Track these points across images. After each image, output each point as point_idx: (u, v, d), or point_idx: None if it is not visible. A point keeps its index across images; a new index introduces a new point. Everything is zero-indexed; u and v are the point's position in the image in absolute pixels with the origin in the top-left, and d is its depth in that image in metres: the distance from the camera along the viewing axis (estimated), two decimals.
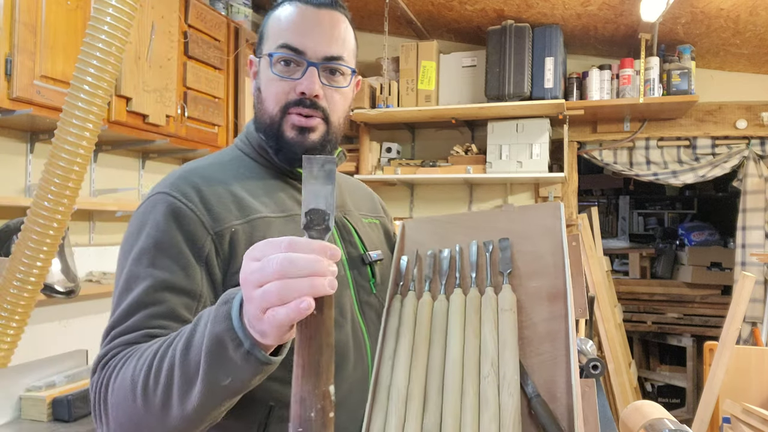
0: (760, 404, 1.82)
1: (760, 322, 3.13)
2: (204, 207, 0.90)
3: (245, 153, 1.04)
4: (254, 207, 0.94)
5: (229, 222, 0.91)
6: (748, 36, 2.94)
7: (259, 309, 0.61)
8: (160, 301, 0.84)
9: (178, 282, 0.85)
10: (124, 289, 0.86)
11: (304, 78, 0.95)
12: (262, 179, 1.00)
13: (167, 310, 0.83)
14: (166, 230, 0.88)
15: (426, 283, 0.97)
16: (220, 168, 0.99)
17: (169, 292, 0.84)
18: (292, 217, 0.97)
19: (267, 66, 0.97)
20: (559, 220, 0.99)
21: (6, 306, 1.61)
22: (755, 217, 3.29)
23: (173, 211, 0.89)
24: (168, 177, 0.97)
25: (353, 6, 3.47)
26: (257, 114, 1.01)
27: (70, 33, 2.08)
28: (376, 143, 3.62)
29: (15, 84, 1.89)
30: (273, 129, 0.98)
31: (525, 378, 0.81)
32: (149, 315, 0.83)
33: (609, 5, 2.89)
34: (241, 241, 0.90)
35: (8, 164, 2.26)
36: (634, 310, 4.65)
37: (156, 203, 0.91)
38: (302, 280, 0.59)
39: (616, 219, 6.36)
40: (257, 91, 1.01)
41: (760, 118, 3.27)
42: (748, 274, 1.90)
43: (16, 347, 1.71)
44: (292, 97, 0.96)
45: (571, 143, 3.53)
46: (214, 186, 0.94)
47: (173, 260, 0.86)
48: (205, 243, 0.88)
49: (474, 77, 3.36)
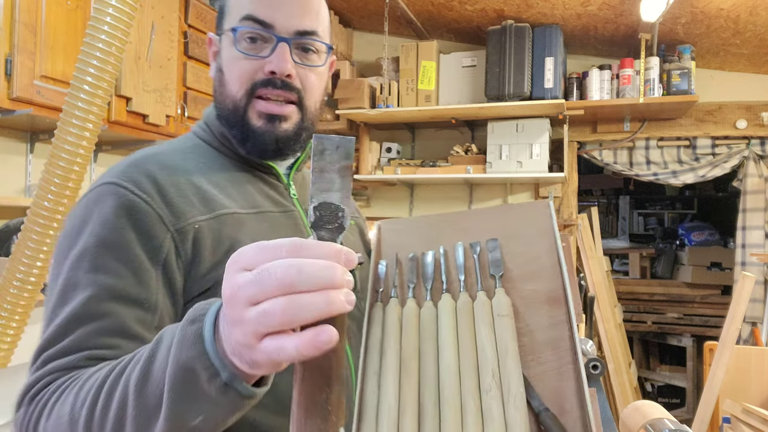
0: (760, 404, 1.82)
1: (760, 322, 3.13)
2: (162, 199, 0.77)
3: (206, 141, 0.91)
4: (221, 201, 0.82)
5: (192, 217, 0.77)
6: (748, 36, 2.94)
7: (252, 335, 0.45)
8: (105, 313, 0.68)
9: (128, 289, 0.70)
10: (60, 300, 0.70)
11: (274, 55, 0.82)
12: (227, 171, 0.88)
13: (115, 324, 0.68)
14: (115, 227, 0.73)
15: (409, 288, 0.87)
16: (180, 155, 0.85)
17: (116, 303, 0.69)
18: (264, 215, 0.86)
19: (230, 43, 0.84)
20: (550, 218, 0.93)
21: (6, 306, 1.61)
22: (755, 217, 3.29)
23: (124, 205, 0.74)
24: (117, 164, 0.82)
25: (353, 6, 3.48)
26: (218, 99, 0.88)
27: (70, 33, 2.08)
28: (376, 143, 3.62)
29: (15, 84, 1.89)
30: (237, 116, 0.85)
31: (530, 390, 0.74)
32: (92, 332, 0.67)
33: (609, 5, 2.89)
34: (206, 239, 0.77)
35: (8, 164, 2.25)
36: (634, 310, 4.65)
37: (102, 195, 0.76)
38: (315, 295, 0.44)
39: (616, 219, 6.35)
40: (218, 72, 0.87)
41: (760, 118, 3.27)
42: (748, 274, 1.90)
43: (16, 347, 1.71)
44: (259, 78, 0.83)
45: (571, 143, 3.53)
46: (174, 175, 0.80)
47: (122, 263, 0.71)
48: (164, 242, 0.74)
49: (474, 77, 3.36)
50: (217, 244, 0.78)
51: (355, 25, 3.82)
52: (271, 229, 0.85)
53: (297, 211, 0.92)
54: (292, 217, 0.90)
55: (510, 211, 0.96)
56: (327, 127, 3.51)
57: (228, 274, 0.48)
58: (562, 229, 3.43)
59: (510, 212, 0.96)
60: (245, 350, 0.47)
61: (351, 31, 3.82)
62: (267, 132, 0.85)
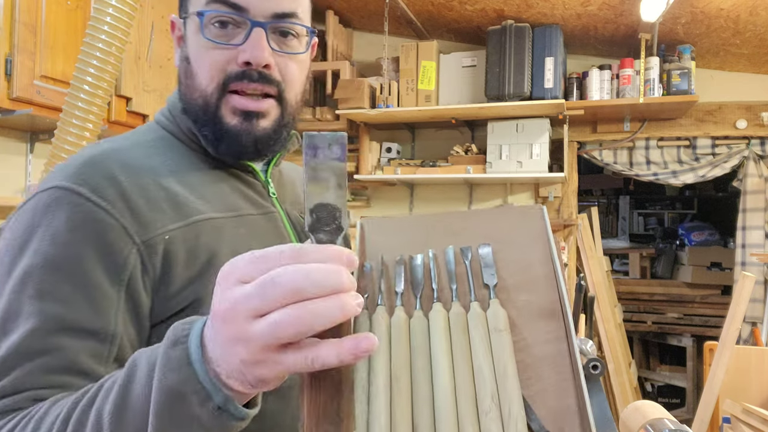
0: (760, 404, 1.82)
1: (760, 322, 3.13)
2: (126, 206, 0.66)
3: (172, 133, 0.79)
4: (194, 205, 0.71)
5: (162, 226, 0.67)
6: (748, 36, 2.94)
7: (262, 350, 0.42)
8: (52, 348, 0.59)
9: (81, 319, 0.61)
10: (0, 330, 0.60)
11: (248, 43, 0.71)
12: (198, 169, 0.77)
13: (64, 360, 0.59)
14: (67, 243, 0.62)
15: (397, 296, 0.81)
16: (144, 151, 0.74)
17: (66, 335, 0.60)
18: (242, 219, 0.76)
19: (196, 29, 0.73)
20: (544, 224, 0.88)
21: None
22: (755, 217, 3.29)
23: (80, 215, 0.64)
24: (69, 162, 0.69)
25: (353, 6, 3.48)
26: (185, 93, 0.76)
27: (70, 33, 2.08)
28: (376, 143, 3.62)
29: (15, 84, 1.90)
30: (208, 113, 0.74)
31: (529, 412, 0.70)
32: (37, 369, 0.58)
33: (609, 5, 2.89)
34: (179, 251, 0.67)
35: (8, 164, 2.25)
36: (634, 310, 4.65)
37: (52, 203, 0.64)
38: (327, 300, 0.41)
39: (616, 219, 6.35)
40: (184, 62, 0.76)
41: (760, 118, 3.27)
42: (748, 274, 1.90)
43: None
44: (233, 69, 0.72)
45: (571, 143, 3.53)
46: (139, 176, 0.69)
47: (75, 287, 0.62)
48: (128, 257, 0.64)
49: (474, 77, 3.35)
50: (191, 257, 0.68)
51: (355, 25, 3.82)
52: (251, 234, 0.76)
53: (278, 212, 0.83)
54: (273, 219, 0.82)
55: (502, 215, 0.91)
56: (327, 127, 3.51)
57: (221, 289, 0.44)
58: (562, 229, 3.43)
59: (502, 216, 0.90)
60: (251, 368, 0.44)
61: (351, 31, 3.82)
62: (244, 131, 0.74)
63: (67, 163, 0.70)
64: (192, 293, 0.67)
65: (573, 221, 3.43)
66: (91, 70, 1.41)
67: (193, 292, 0.67)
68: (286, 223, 0.84)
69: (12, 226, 0.66)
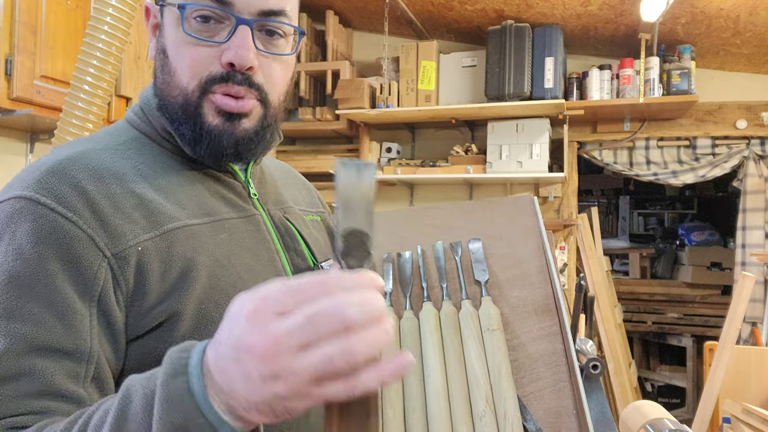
0: (760, 404, 1.82)
1: (760, 322, 3.13)
2: (93, 217, 0.62)
3: (144, 133, 0.74)
4: (168, 212, 0.67)
5: (133, 237, 0.63)
6: (748, 36, 2.94)
7: (307, 383, 0.41)
8: (25, 371, 0.55)
9: (53, 338, 0.57)
10: None
11: (233, 41, 0.67)
12: (173, 170, 0.72)
13: (40, 383, 0.56)
14: (33, 258, 0.58)
15: (386, 296, 0.79)
16: (113, 155, 0.69)
17: (38, 356, 0.56)
18: (221, 223, 0.71)
19: (175, 21, 0.68)
20: (535, 216, 0.85)
21: None
22: (755, 217, 3.29)
23: (44, 228, 0.59)
24: (30, 168, 0.65)
25: (353, 6, 3.48)
26: (162, 89, 0.71)
27: (70, 33, 2.08)
28: (376, 143, 3.62)
29: (15, 84, 1.90)
30: (188, 112, 0.69)
31: (525, 413, 0.68)
32: (11, 395, 0.55)
33: (609, 5, 2.89)
34: (152, 264, 0.63)
35: (8, 164, 2.26)
36: (634, 310, 4.65)
37: (14, 215, 0.60)
38: (372, 329, 0.41)
39: (616, 219, 6.35)
40: (161, 54, 0.70)
41: (760, 118, 3.27)
42: (748, 274, 1.90)
43: None
44: (215, 71, 0.68)
45: (571, 143, 3.53)
46: (108, 183, 0.65)
47: (43, 305, 0.58)
48: (98, 272, 0.60)
49: (474, 77, 3.35)
50: (166, 269, 0.64)
51: (355, 25, 3.82)
52: (231, 239, 0.71)
53: (259, 213, 0.78)
54: (254, 222, 0.76)
55: (491, 208, 0.88)
56: (327, 127, 3.51)
57: (254, 324, 0.42)
58: (562, 229, 3.43)
59: (491, 208, 0.87)
60: (285, 401, 0.42)
61: (351, 31, 3.82)
62: (225, 132, 0.69)
63: (28, 170, 0.64)
64: (168, 307, 0.64)
65: (573, 221, 3.43)
66: (91, 70, 1.41)
67: (169, 307, 0.64)
68: (268, 225, 0.79)
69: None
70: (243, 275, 0.70)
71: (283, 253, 0.77)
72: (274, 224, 0.80)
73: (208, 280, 0.67)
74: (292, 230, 0.81)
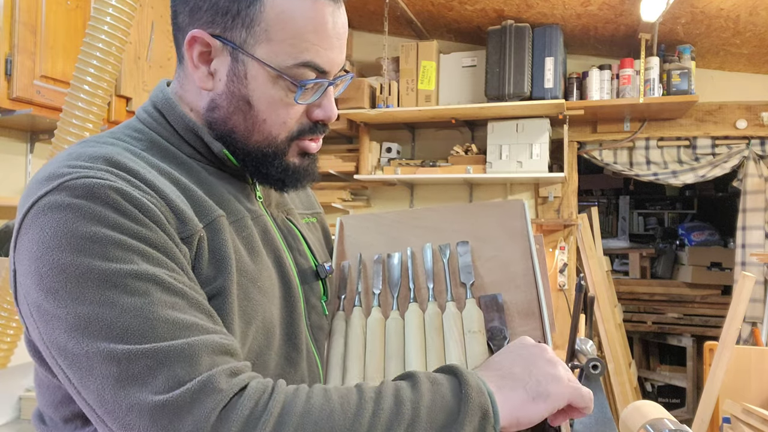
0: (760, 404, 1.82)
1: (760, 322, 3.13)
2: (164, 201, 0.65)
3: (160, 135, 0.75)
4: (209, 204, 0.71)
5: (194, 225, 0.67)
6: (748, 36, 2.94)
7: (557, 411, 0.66)
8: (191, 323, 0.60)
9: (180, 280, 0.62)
10: (136, 335, 0.58)
11: (324, 102, 0.76)
12: (194, 170, 0.75)
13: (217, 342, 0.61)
14: (141, 228, 0.61)
15: (375, 296, 0.80)
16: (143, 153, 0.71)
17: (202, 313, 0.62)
18: (241, 221, 0.76)
19: (267, 79, 0.71)
20: (524, 220, 0.86)
21: (6, 306, 1.61)
22: (755, 217, 3.29)
23: (138, 205, 0.61)
24: (79, 157, 0.64)
25: (353, 6, 3.47)
26: (241, 131, 0.75)
27: (70, 33, 2.08)
28: (376, 143, 3.62)
29: (15, 84, 1.89)
30: (271, 155, 0.76)
31: None
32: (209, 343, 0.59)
33: (609, 5, 2.89)
34: (204, 250, 0.67)
35: (8, 164, 2.26)
36: (634, 310, 4.65)
37: (95, 191, 0.60)
38: (589, 404, 0.69)
39: (616, 219, 6.35)
40: (243, 102, 0.73)
41: (760, 118, 3.27)
42: (748, 274, 1.90)
43: (16, 347, 1.71)
44: (305, 124, 0.76)
45: (571, 143, 3.53)
46: (158, 173, 0.69)
47: (177, 265, 0.63)
48: (180, 251, 0.65)
49: (474, 77, 3.35)
50: (212, 257, 0.68)
51: (355, 25, 3.82)
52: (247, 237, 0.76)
53: (265, 215, 0.82)
54: (262, 223, 0.80)
55: (482, 211, 0.89)
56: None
57: (576, 389, 0.67)
58: (562, 229, 3.43)
59: (482, 211, 0.89)
60: (533, 418, 0.64)
61: (351, 31, 3.82)
62: (308, 171, 0.79)
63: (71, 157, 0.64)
64: (209, 294, 0.66)
65: (573, 221, 3.43)
66: (91, 70, 1.41)
67: (209, 294, 0.66)
68: (273, 227, 0.82)
69: (46, 226, 0.58)
70: (263, 272, 0.75)
71: (288, 253, 0.82)
72: (278, 226, 0.84)
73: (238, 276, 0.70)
74: (294, 231, 0.86)
